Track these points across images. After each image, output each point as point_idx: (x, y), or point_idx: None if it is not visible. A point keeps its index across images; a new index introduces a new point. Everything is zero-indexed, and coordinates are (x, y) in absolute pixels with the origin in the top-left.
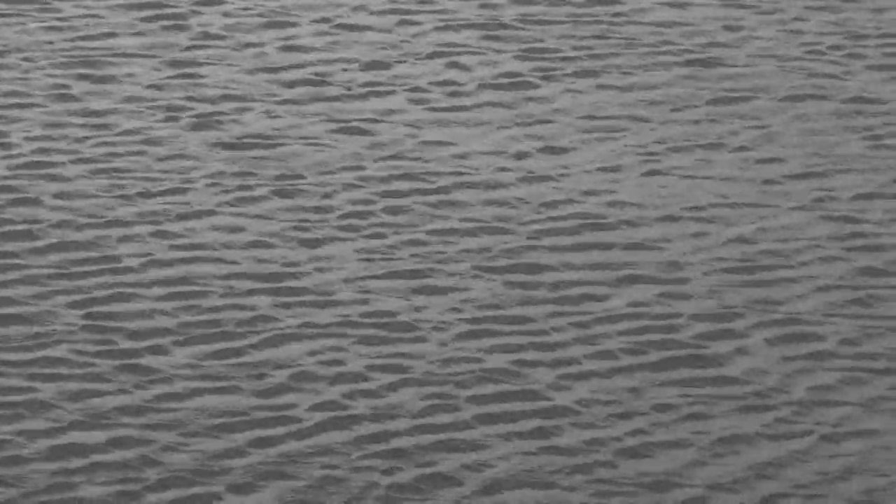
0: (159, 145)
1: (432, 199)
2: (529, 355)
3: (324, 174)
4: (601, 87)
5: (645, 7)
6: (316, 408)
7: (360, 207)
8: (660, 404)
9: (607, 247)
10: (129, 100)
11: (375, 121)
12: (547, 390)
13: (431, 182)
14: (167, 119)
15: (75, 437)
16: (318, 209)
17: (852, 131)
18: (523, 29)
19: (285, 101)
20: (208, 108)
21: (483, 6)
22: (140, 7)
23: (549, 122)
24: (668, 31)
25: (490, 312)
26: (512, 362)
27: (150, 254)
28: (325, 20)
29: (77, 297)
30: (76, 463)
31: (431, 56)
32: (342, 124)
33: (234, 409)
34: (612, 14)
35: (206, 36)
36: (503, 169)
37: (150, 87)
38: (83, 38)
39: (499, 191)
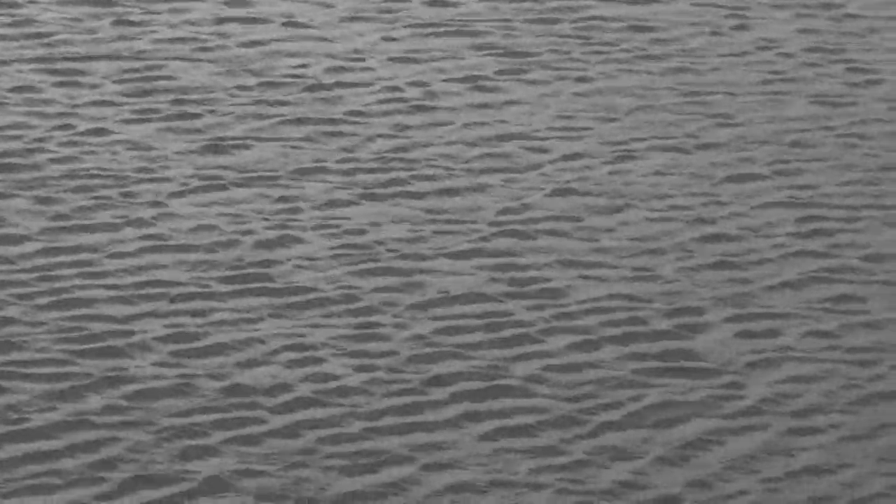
0: (127, 142)
1: (405, 194)
2: (501, 347)
3: (294, 172)
4: (570, 86)
5: (614, 7)
6: (287, 405)
7: (329, 204)
8: (630, 397)
9: (577, 240)
10: (95, 98)
11: (345, 120)
12: (519, 383)
13: (404, 178)
14: (135, 119)
15: (46, 436)
16: (286, 203)
17: (823, 129)
18: (492, 31)
19: (255, 101)
20: (176, 106)
21: (450, 5)
22: (103, 5)
23: (519, 120)
24: (638, 32)
25: (459, 305)
26: (484, 356)
27: (117, 251)
28: (292, 21)
29: (53, 296)
30: (50, 465)
31: (401, 57)
32: (313, 123)
33: (205, 408)
34: (579, 15)
35: (173, 35)
36: (474, 164)
37: (116, 83)
38: (46, 36)
39: (470, 184)
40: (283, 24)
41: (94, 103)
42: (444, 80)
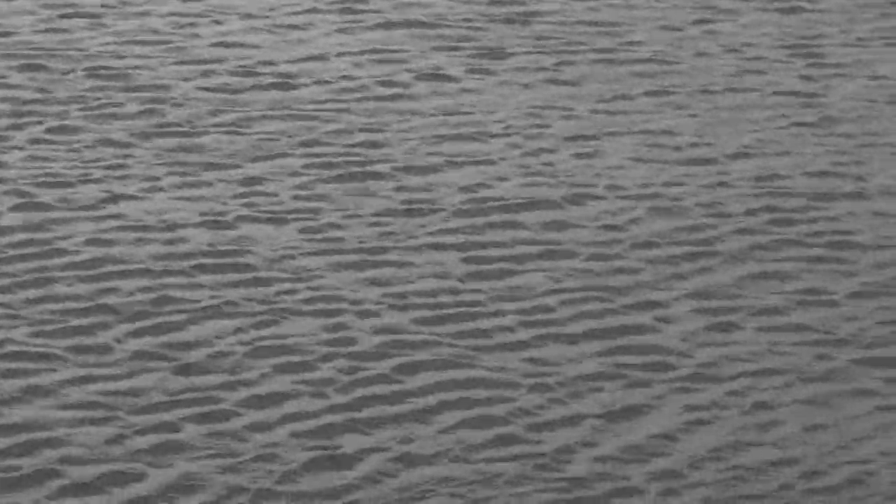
0: (91, 134)
1: (371, 185)
2: (460, 331)
3: (256, 160)
4: (536, 83)
5: (580, 7)
6: (256, 396)
7: (295, 196)
8: (593, 388)
9: (536, 225)
10: (60, 93)
11: (307, 113)
12: (486, 374)
13: (371, 170)
14: (100, 115)
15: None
16: (252, 195)
17: (790, 123)
18: (455, 25)
19: (221, 94)
20: (138, 102)
21: (414, 4)
22: (63, 4)
23: (484, 114)
24: (604, 31)
25: (426, 297)
26: (445, 339)
27: (80, 240)
28: (255, 15)
29: (4, 282)
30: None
31: (364, 51)
32: (276, 113)
33: (171, 402)
34: (547, 15)
35: (137, 27)
36: (439, 156)
37: (83, 79)
38: (11, 34)
39: (436, 175)
40: (248, 18)
41: (59, 101)
42: (410, 75)
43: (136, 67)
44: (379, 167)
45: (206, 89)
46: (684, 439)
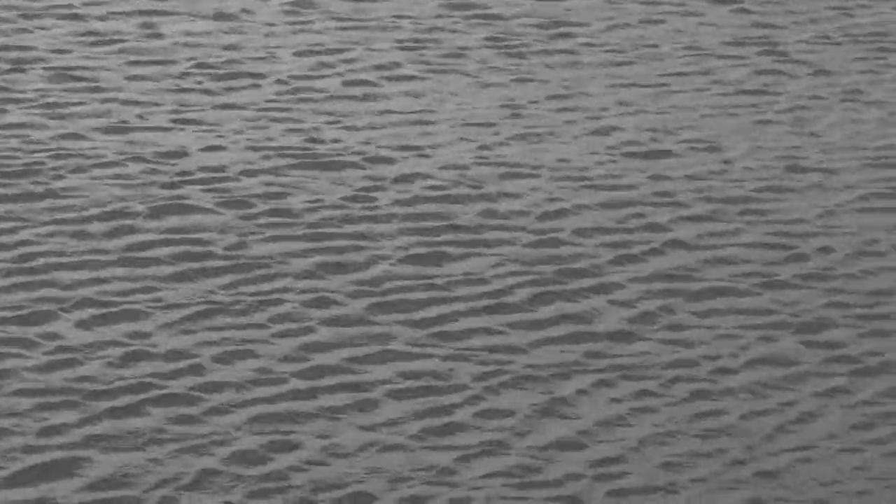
0: (52, 134)
1: (315, 173)
2: (408, 319)
3: (207, 151)
4: (486, 77)
5: (528, 4)
6: (199, 372)
7: (247, 182)
8: (527, 375)
9: (485, 213)
10: (12, 96)
11: (261, 106)
12: (429, 352)
13: (321, 162)
14: (58, 114)
15: None
16: (199, 181)
17: (733, 112)
18: (398, 24)
19: (172, 90)
20: (88, 98)
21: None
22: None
23: (425, 111)
24: (553, 28)
25: (370, 286)
26: (393, 327)
27: (27, 231)
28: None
29: None
30: None
31: (310, 50)
32: (227, 109)
33: (119, 375)
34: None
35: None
36: (387, 147)
37: (40, 76)
38: None
39: (381, 166)
40: (201, 17)
41: (19, 101)
42: (357, 71)
43: (85, 67)
44: (334, 158)
45: (164, 90)
46: (626, 425)
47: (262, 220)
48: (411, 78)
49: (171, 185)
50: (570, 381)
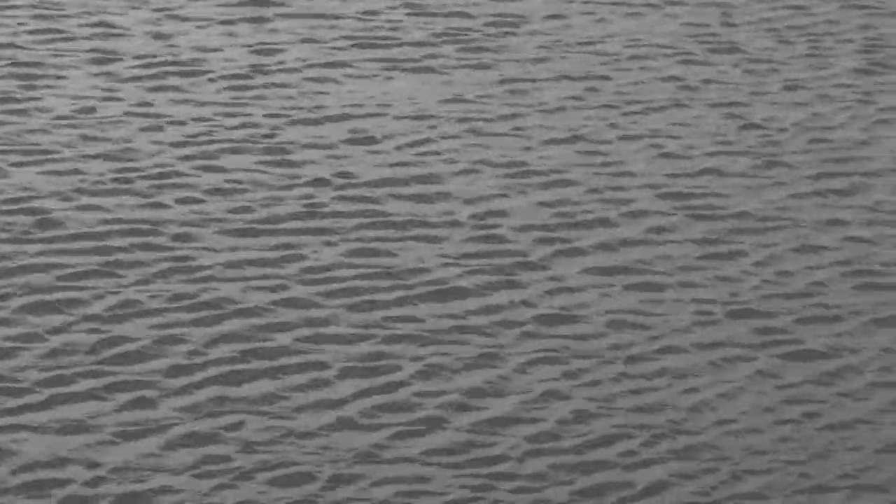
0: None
1: (267, 165)
2: (354, 303)
3: (170, 145)
4: (433, 72)
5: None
6: (153, 355)
7: (204, 174)
8: (486, 365)
9: (433, 198)
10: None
11: (219, 101)
12: (375, 336)
13: (271, 153)
14: (20, 120)
15: None
16: (156, 176)
17: (676, 103)
18: (356, 20)
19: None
20: (47, 95)
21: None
22: None
23: (377, 105)
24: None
25: (319, 284)
26: (342, 313)
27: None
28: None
29: None
30: None
31: (264, 45)
32: (184, 105)
33: (80, 364)
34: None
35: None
36: (336, 138)
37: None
38: None
39: (331, 162)
40: (156, 11)
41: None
42: (309, 67)
43: (43, 64)
44: (285, 147)
45: (119, 83)
46: (556, 405)
47: (213, 214)
48: (361, 73)
49: (125, 181)
50: (508, 361)
